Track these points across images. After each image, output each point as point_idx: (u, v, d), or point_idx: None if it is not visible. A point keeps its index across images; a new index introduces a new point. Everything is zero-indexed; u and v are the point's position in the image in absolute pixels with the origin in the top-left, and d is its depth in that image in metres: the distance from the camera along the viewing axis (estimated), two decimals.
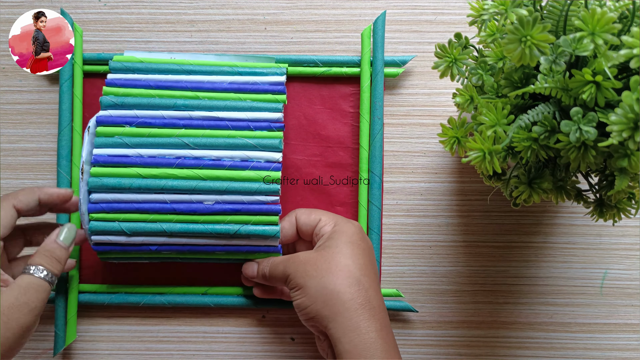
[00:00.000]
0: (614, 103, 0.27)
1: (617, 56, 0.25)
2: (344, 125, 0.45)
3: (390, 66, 0.44)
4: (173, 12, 0.46)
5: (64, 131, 0.43)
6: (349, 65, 0.44)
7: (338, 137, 0.45)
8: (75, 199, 0.40)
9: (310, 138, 0.45)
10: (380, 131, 0.43)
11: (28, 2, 0.46)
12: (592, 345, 0.44)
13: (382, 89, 0.43)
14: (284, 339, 0.44)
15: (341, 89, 0.45)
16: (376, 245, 0.43)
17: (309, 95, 0.45)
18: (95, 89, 0.45)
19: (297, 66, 0.44)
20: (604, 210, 0.32)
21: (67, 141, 0.44)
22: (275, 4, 0.46)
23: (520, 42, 0.26)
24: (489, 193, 0.45)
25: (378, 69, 0.43)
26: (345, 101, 0.45)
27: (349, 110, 0.45)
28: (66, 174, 0.43)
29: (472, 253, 0.45)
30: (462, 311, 0.45)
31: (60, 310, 0.43)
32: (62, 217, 0.43)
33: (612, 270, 0.45)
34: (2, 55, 0.46)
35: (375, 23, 0.44)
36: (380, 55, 0.43)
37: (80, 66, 0.44)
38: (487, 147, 0.30)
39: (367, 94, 0.44)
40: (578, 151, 0.28)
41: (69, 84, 0.44)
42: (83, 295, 0.43)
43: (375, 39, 0.44)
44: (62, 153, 0.43)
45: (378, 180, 0.43)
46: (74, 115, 0.44)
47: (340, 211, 0.44)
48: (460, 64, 0.33)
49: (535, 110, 0.29)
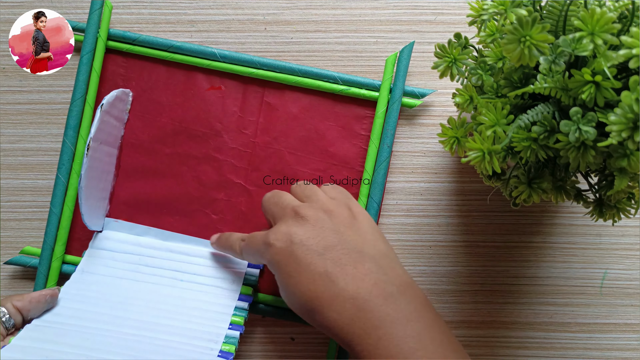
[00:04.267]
0: (613, 103, 0.27)
1: (617, 56, 0.25)
2: (352, 146, 0.45)
3: (409, 96, 0.44)
4: (173, 12, 0.46)
5: (77, 102, 0.43)
6: (368, 88, 0.44)
7: (345, 157, 0.45)
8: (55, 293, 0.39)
9: (317, 152, 0.45)
10: (387, 159, 0.43)
11: (28, 2, 0.46)
12: (592, 345, 0.44)
13: (397, 118, 0.43)
14: (284, 339, 0.44)
15: (356, 110, 0.45)
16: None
17: (323, 110, 0.45)
18: (115, 66, 0.45)
19: (317, 79, 0.44)
20: (603, 210, 0.32)
21: (78, 112, 0.43)
22: (275, 4, 0.46)
23: (519, 42, 0.26)
24: (489, 193, 0.45)
25: (396, 97, 0.43)
26: (359, 123, 0.45)
27: (361, 133, 0.44)
28: (71, 144, 0.43)
29: (472, 253, 0.45)
30: (462, 311, 0.45)
31: (41, 277, 0.43)
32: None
33: (612, 270, 0.44)
34: (2, 55, 0.46)
35: (402, 52, 0.44)
36: (401, 84, 0.43)
37: (103, 40, 0.44)
38: (486, 147, 0.30)
39: (380, 120, 0.43)
40: (577, 151, 0.28)
41: (90, 56, 0.44)
42: (67, 266, 0.43)
43: (399, 67, 0.43)
44: (71, 123, 0.43)
45: (376, 207, 0.43)
46: (89, 87, 0.44)
47: None
48: (460, 64, 0.33)
49: (535, 110, 0.29)
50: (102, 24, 0.44)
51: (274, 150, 0.45)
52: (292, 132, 0.45)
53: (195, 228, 0.44)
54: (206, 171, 0.45)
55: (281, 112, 0.45)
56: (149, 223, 0.44)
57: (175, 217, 0.45)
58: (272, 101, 0.45)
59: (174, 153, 0.45)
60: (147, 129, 0.45)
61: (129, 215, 0.45)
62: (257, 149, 0.45)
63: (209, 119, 0.45)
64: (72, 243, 0.44)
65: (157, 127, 0.45)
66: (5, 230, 0.45)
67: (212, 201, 0.45)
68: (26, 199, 0.45)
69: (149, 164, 0.45)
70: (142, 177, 0.45)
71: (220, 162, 0.45)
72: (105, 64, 0.45)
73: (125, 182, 0.45)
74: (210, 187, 0.45)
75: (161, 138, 0.45)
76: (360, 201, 0.43)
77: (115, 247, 0.43)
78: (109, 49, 0.45)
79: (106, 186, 0.44)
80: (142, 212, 0.45)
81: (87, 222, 0.41)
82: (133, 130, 0.45)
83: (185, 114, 0.45)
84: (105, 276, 0.42)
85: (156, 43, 0.44)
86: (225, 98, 0.45)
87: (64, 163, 0.43)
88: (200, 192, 0.45)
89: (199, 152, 0.45)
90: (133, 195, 0.45)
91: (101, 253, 0.43)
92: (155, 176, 0.45)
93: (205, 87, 0.45)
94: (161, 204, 0.45)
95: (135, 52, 0.45)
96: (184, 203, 0.45)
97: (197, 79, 0.45)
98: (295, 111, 0.45)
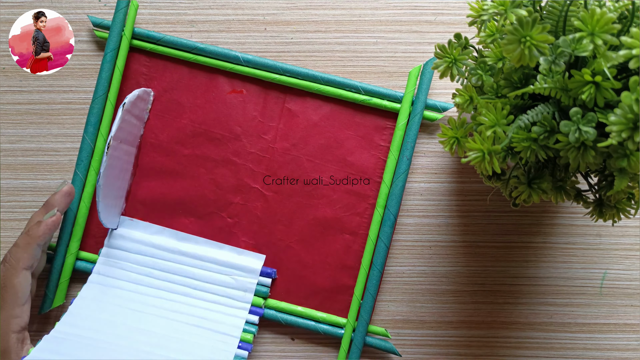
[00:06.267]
0: (613, 103, 0.27)
1: (617, 56, 0.25)
2: (371, 156, 0.45)
3: (431, 109, 0.44)
4: (173, 12, 0.46)
5: (98, 99, 0.43)
6: (390, 99, 0.44)
7: (363, 167, 0.45)
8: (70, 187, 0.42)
9: (335, 161, 0.45)
10: (405, 171, 0.43)
11: (28, 2, 0.46)
12: (592, 345, 0.44)
13: (417, 130, 0.43)
14: (284, 339, 0.44)
15: (376, 121, 0.45)
16: (375, 282, 0.43)
17: (343, 119, 0.45)
18: (138, 65, 0.45)
19: (339, 88, 0.44)
20: (603, 210, 0.32)
21: (99, 110, 0.44)
22: (275, 4, 0.46)
23: (519, 42, 0.26)
24: (489, 193, 0.45)
25: (418, 110, 0.43)
26: (379, 133, 0.45)
27: (380, 144, 0.44)
28: (91, 141, 0.43)
29: (472, 253, 0.45)
30: (462, 311, 0.45)
31: (55, 273, 0.43)
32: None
33: (611, 270, 0.45)
34: (2, 55, 0.46)
35: (426, 64, 0.44)
36: (423, 97, 0.43)
37: (128, 39, 0.44)
38: (486, 147, 0.30)
39: (401, 132, 0.43)
40: (577, 151, 0.28)
41: (114, 54, 0.44)
42: (80, 263, 0.44)
43: (422, 80, 0.43)
44: (92, 120, 0.43)
45: (392, 219, 0.43)
46: (111, 85, 0.44)
47: (348, 239, 0.44)
48: (460, 64, 0.33)
49: (535, 111, 0.29)
50: (127, 22, 0.44)
51: (292, 156, 0.45)
52: (312, 140, 0.45)
53: (210, 231, 0.45)
54: (223, 174, 0.45)
55: (301, 118, 0.45)
56: (163, 223, 0.45)
57: (190, 219, 0.45)
58: (293, 107, 0.45)
59: (193, 154, 0.45)
60: (166, 129, 0.45)
61: (144, 214, 0.45)
62: (276, 154, 0.45)
63: (229, 123, 0.45)
64: (86, 240, 0.44)
65: (177, 127, 0.45)
66: (5, 230, 0.45)
67: (228, 204, 0.45)
68: (26, 199, 0.45)
69: (167, 165, 0.45)
70: (159, 177, 0.45)
71: (238, 166, 0.45)
72: (128, 63, 0.45)
73: (143, 182, 0.45)
74: (226, 191, 0.45)
75: (180, 139, 0.45)
76: (376, 212, 0.43)
77: (130, 247, 0.43)
78: (132, 48, 0.45)
79: (123, 185, 0.44)
80: (158, 212, 0.45)
81: (104, 219, 0.41)
82: (153, 130, 0.45)
83: (206, 116, 0.45)
84: (120, 280, 0.42)
85: (180, 44, 0.44)
86: (247, 102, 0.45)
87: (83, 160, 0.43)
88: (217, 195, 0.45)
89: (218, 154, 0.45)
90: (149, 195, 0.45)
91: (116, 253, 0.43)
92: (173, 177, 0.45)
93: (226, 91, 0.45)
94: (177, 205, 0.45)
95: (158, 52, 0.45)
96: (199, 205, 0.45)
97: (219, 82, 0.45)
98: (315, 119, 0.45)
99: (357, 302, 0.43)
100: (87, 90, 0.45)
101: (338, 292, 0.44)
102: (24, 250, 0.38)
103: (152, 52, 0.45)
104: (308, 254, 0.44)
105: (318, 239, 0.44)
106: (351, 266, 0.44)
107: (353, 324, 0.43)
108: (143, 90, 0.43)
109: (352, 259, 0.44)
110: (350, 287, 0.44)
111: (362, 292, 0.43)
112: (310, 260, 0.44)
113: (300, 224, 0.44)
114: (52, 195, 0.41)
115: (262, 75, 0.44)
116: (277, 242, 0.45)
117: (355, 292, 0.43)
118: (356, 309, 0.43)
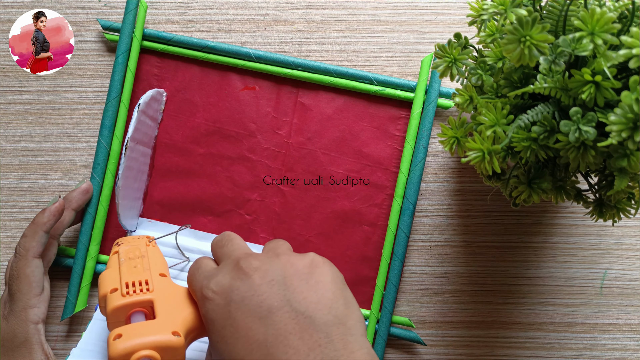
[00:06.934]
0: (613, 103, 0.27)
1: (617, 56, 0.25)
2: (387, 147, 0.45)
3: (445, 97, 0.44)
4: (173, 12, 0.46)
5: (112, 102, 0.43)
6: (404, 89, 0.44)
7: (379, 158, 0.45)
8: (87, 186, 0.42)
9: (351, 153, 0.45)
10: (422, 160, 0.43)
11: (28, 2, 0.46)
12: (592, 345, 0.44)
13: (432, 118, 0.43)
14: None
15: (391, 111, 0.45)
16: (397, 272, 0.43)
17: (357, 111, 0.45)
18: (149, 66, 0.45)
19: (352, 80, 0.44)
20: (603, 210, 0.32)
21: (113, 112, 0.43)
22: (275, 4, 0.46)
23: (519, 42, 0.26)
24: (489, 193, 0.45)
25: (432, 98, 0.43)
26: (393, 124, 0.44)
27: (395, 134, 0.44)
28: (106, 144, 0.43)
29: (472, 253, 0.45)
30: (462, 311, 0.45)
31: (76, 277, 0.43)
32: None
33: (612, 271, 0.44)
34: (2, 55, 0.46)
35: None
36: (437, 85, 0.43)
37: (138, 40, 0.44)
38: (486, 147, 0.30)
39: (416, 121, 0.43)
40: (577, 151, 0.28)
41: (125, 56, 0.44)
42: (101, 266, 0.44)
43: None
44: (106, 123, 0.43)
45: (411, 208, 0.43)
46: (124, 87, 0.44)
47: (368, 231, 0.44)
48: (460, 64, 0.33)
49: (535, 110, 0.29)
50: (137, 24, 0.44)
51: (307, 150, 0.45)
52: (326, 133, 0.45)
53: (229, 228, 0.45)
54: (240, 171, 0.45)
55: (315, 112, 0.45)
56: (182, 223, 0.45)
57: (208, 218, 0.45)
58: (306, 101, 0.45)
59: (208, 153, 0.45)
60: (180, 129, 0.45)
61: (162, 215, 0.45)
62: (291, 149, 0.45)
63: (242, 120, 0.45)
64: (105, 243, 0.44)
65: (191, 127, 0.45)
66: (5, 230, 0.45)
67: (246, 202, 0.45)
68: (26, 199, 0.45)
69: (183, 164, 0.45)
70: (175, 177, 0.45)
71: (254, 163, 0.45)
72: (140, 64, 0.45)
73: (159, 182, 0.45)
74: (244, 188, 0.45)
75: (195, 138, 0.45)
76: (395, 202, 0.43)
77: None
78: (143, 49, 0.45)
79: (140, 186, 0.44)
80: (175, 212, 0.45)
81: (123, 221, 0.41)
82: (167, 131, 0.45)
83: (219, 114, 0.45)
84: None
85: (190, 43, 0.44)
86: (259, 98, 0.45)
87: (99, 163, 0.43)
88: (234, 192, 0.45)
89: (233, 152, 0.45)
90: (166, 196, 0.45)
91: None
92: (189, 176, 0.45)
93: (239, 88, 0.45)
94: (194, 205, 0.45)
95: (169, 52, 0.45)
96: (217, 203, 0.45)
97: (231, 79, 0.45)
98: (329, 112, 0.45)
99: (379, 293, 0.43)
100: (88, 90, 0.45)
101: (360, 284, 0.44)
102: (32, 238, 0.39)
103: (162, 52, 0.45)
104: (328, 248, 0.44)
105: (337, 232, 0.44)
106: (372, 257, 0.44)
107: (377, 315, 0.43)
108: (156, 90, 0.43)
109: (372, 250, 0.44)
110: (372, 278, 0.44)
111: (384, 282, 0.43)
112: (330, 253, 0.44)
113: (319, 218, 0.44)
114: (70, 192, 0.41)
115: (274, 71, 0.44)
116: (296, 236, 0.45)
117: (378, 283, 0.43)
118: (379, 300, 0.43)
